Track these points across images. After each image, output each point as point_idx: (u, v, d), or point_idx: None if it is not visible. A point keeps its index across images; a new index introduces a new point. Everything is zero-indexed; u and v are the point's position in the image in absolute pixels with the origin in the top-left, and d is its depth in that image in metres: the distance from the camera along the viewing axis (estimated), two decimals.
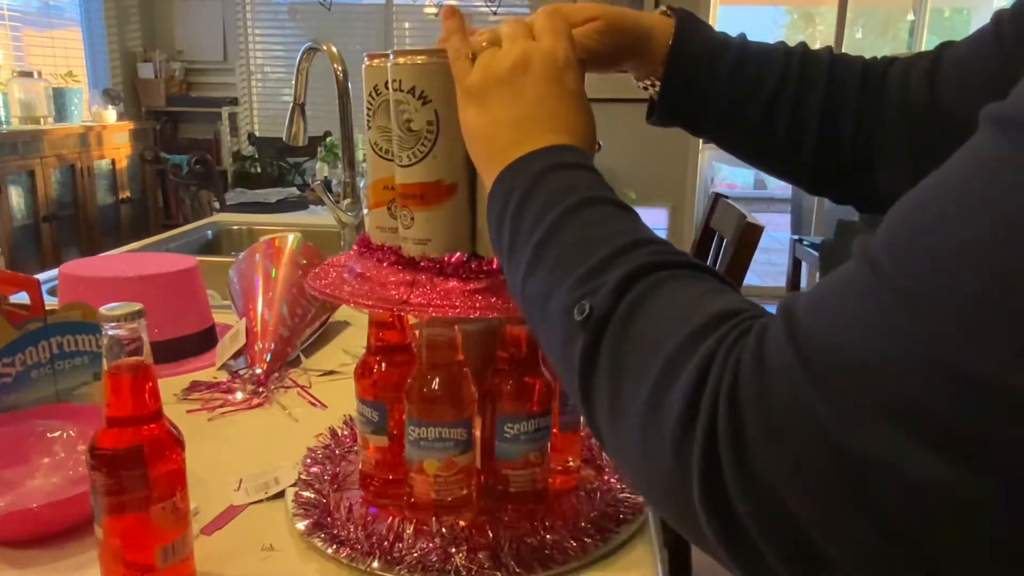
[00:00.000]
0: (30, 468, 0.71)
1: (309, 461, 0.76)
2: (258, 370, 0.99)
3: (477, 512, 0.66)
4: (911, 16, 5.96)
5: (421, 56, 0.58)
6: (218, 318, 1.15)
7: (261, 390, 0.96)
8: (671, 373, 0.34)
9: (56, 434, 0.73)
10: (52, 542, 0.64)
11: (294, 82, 1.45)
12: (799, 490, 0.29)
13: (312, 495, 0.70)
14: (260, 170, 4.06)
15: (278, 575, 0.62)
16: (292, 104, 1.47)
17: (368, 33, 4.71)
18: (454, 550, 0.61)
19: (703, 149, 4.49)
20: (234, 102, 4.80)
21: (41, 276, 1.24)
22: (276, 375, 1.00)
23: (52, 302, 0.89)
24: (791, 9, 9.01)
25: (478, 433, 0.66)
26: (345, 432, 0.82)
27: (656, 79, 0.66)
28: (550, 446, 0.68)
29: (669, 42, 0.64)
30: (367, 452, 0.70)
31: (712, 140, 0.69)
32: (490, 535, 0.63)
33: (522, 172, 0.49)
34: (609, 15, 0.62)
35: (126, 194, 4.35)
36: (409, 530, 0.63)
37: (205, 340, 1.09)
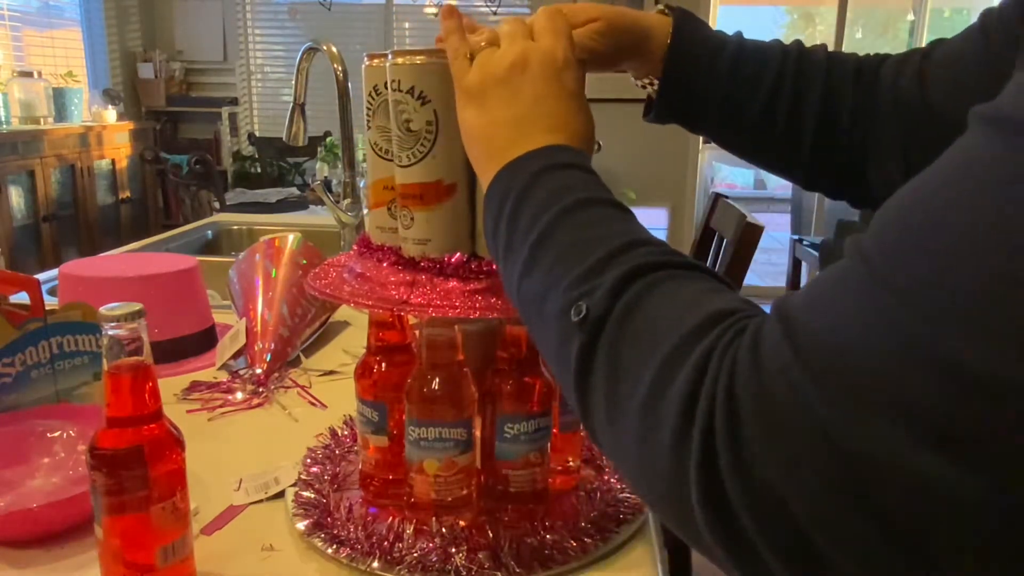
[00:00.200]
0: (30, 468, 0.71)
1: (309, 461, 0.76)
2: (258, 370, 0.99)
3: (477, 512, 0.66)
4: (911, 16, 5.96)
5: (420, 56, 0.58)
6: (218, 318, 1.15)
7: (261, 390, 0.96)
8: (668, 374, 0.34)
9: (56, 434, 0.73)
10: (52, 542, 0.64)
11: (294, 82, 1.45)
12: (798, 489, 0.29)
13: (312, 495, 0.70)
14: (260, 170, 4.07)
15: (278, 575, 0.62)
16: (292, 104, 1.47)
17: (368, 33, 4.71)
18: (454, 550, 0.61)
19: (703, 149, 4.49)
20: (234, 102, 4.80)
21: (41, 276, 1.24)
22: (276, 375, 1.00)
23: (52, 302, 0.89)
24: (791, 9, 9.01)
25: (478, 433, 0.66)
26: (345, 432, 0.82)
27: (655, 78, 0.66)
28: (550, 446, 0.68)
29: (667, 41, 0.64)
30: (367, 452, 0.70)
31: (709, 137, 0.70)
32: (490, 535, 0.63)
33: (519, 172, 0.49)
34: (609, 15, 0.63)
35: (126, 194, 4.35)
36: (409, 530, 0.63)
37: (205, 340, 1.10)
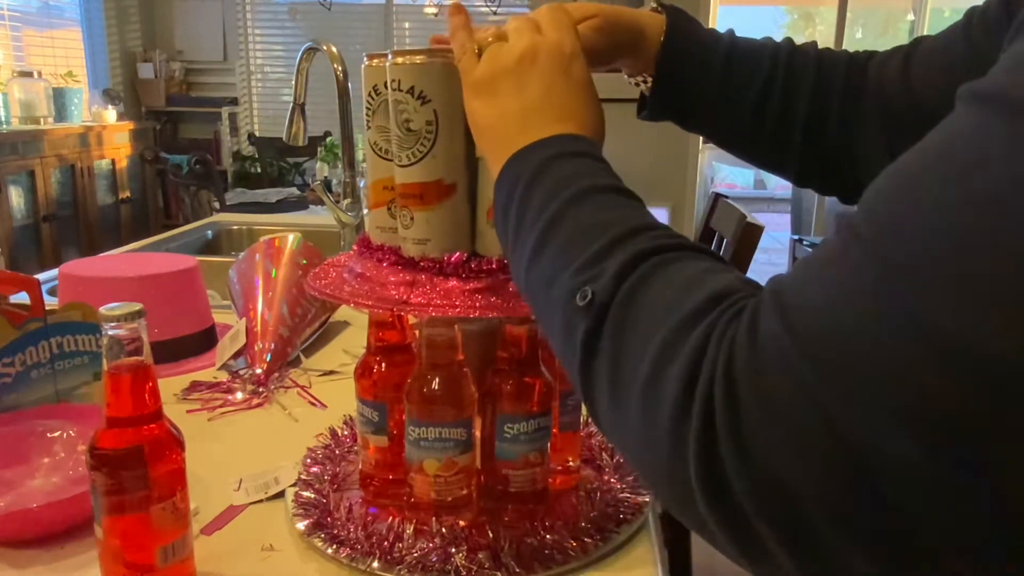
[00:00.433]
0: (30, 468, 0.71)
1: (309, 461, 0.76)
2: (258, 370, 0.99)
3: (477, 512, 0.66)
4: (911, 16, 5.97)
5: (420, 56, 0.58)
6: (218, 318, 1.15)
7: (261, 390, 0.96)
8: (668, 354, 0.34)
9: (56, 434, 0.73)
10: (52, 542, 0.64)
11: (294, 82, 1.45)
12: (795, 467, 0.29)
13: (312, 495, 0.70)
14: (260, 170, 4.07)
15: (278, 575, 0.62)
16: (292, 104, 1.47)
17: (368, 33, 4.71)
18: (454, 550, 0.61)
19: (703, 149, 4.49)
20: (234, 102, 4.80)
21: (41, 276, 1.24)
22: (276, 375, 1.00)
23: (52, 302, 0.89)
24: (791, 9, 9.01)
25: (478, 433, 0.66)
26: (345, 432, 0.82)
27: (648, 75, 0.67)
28: (550, 446, 0.68)
29: (661, 38, 0.65)
30: (367, 452, 0.70)
31: (702, 134, 0.70)
32: (490, 535, 0.63)
33: (529, 160, 0.49)
34: (607, 12, 0.63)
35: (126, 194, 4.35)
36: (409, 530, 0.63)
37: (205, 340, 1.09)
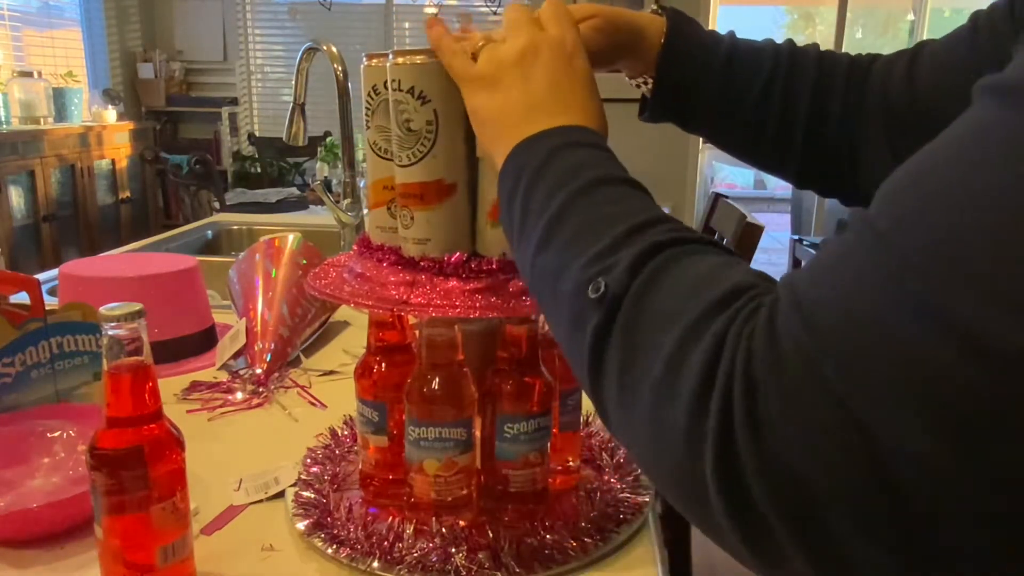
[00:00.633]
0: (30, 468, 0.71)
1: (309, 461, 0.76)
2: (258, 370, 0.99)
3: (477, 512, 0.66)
4: (911, 16, 5.96)
5: (420, 56, 0.58)
6: (218, 318, 1.15)
7: (261, 390, 0.96)
8: (684, 350, 0.34)
9: (56, 434, 0.73)
10: (52, 542, 0.64)
11: (294, 82, 1.45)
12: (815, 463, 0.28)
13: (312, 495, 0.70)
14: (260, 170, 4.07)
15: (278, 575, 0.62)
16: (292, 104, 1.47)
17: (368, 33, 4.71)
18: (454, 550, 0.61)
19: (703, 149, 4.49)
20: (234, 102, 4.80)
21: (41, 276, 1.24)
22: (276, 375, 1.00)
23: (52, 302, 0.89)
24: (791, 9, 9.01)
25: (478, 433, 0.66)
26: (345, 432, 0.82)
27: (649, 76, 0.67)
28: (550, 446, 0.68)
29: (662, 40, 0.65)
30: (367, 452, 0.70)
31: (703, 135, 0.71)
32: (490, 535, 0.63)
33: (534, 149, 0.49)
34: (606, 13, 0.64)
35: (126, 194, 4.35)
36: (409, 530, 0.63)
37: (205, 340, 1.09)
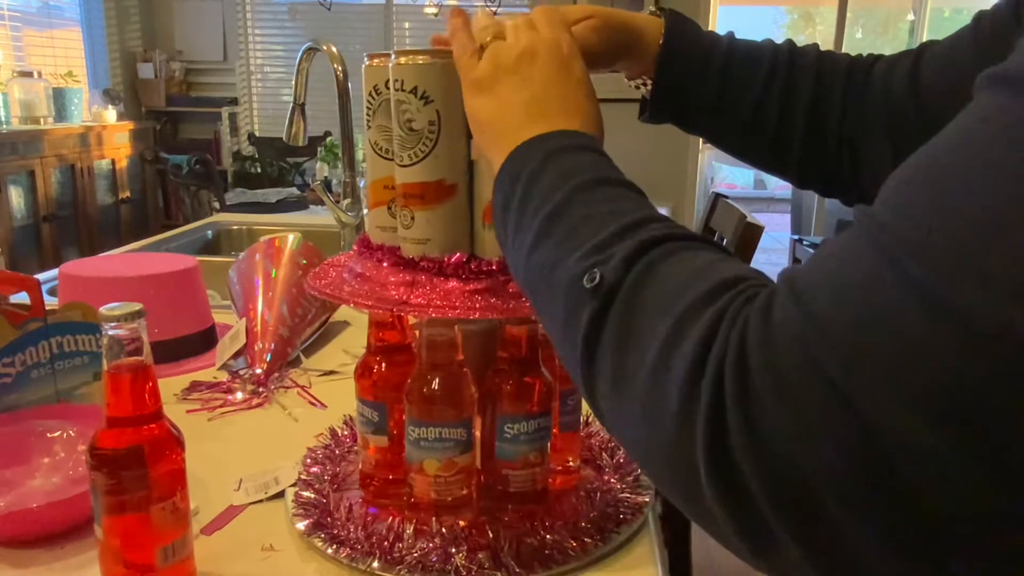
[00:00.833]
0: (30, 468, 0.71)
1: (309, 461, 0.76)
2: (258, 370, 0.99)
3: (477, 512, 0.66)
4: (911, 16, 5.97)
5: (423, 56, 0.58)
6: (218, 318, 1.15)
7: (261, 390, 0.96)
8: (678, 336, 0.34)
9: (56, 434, 0.73)
10: (52, 542, 0.64)
11: (294, 82, 1.45)
12: (806, 447, 0.29)
13: (312, 495, 0.70)
14: (260, 170, 4.06)
15: (278, 575, 0.62)
16: (292, 104, 1.47)
17: (368, 33, 4.71)
18: (454, 550, 0.61)
19: (703, 149, 4.49)
20: (234, 102, 4.80)
21: (41, 276, 1.24)
22: (276, 375, 1.00)
23: (52, 302, 0.89)
24: (791, 9, 9.01)
25: (478, 433, 0.66)
26: (345, 432, 0.82)
27: (647, 78, 0.67)
28: (550, 446, 0.68)
29: (660, 41, 0.65)
30: (367, 452, 0.70)
31: (702, 135, 0.71)
32: (490, 535, 0.63)
33: (531, 153, 0.49)
34: (602, 14, 0.64)
35: (126, 194, 4.35)
36: (409, 530, 0.63)
37: (205, 340, 1.09)
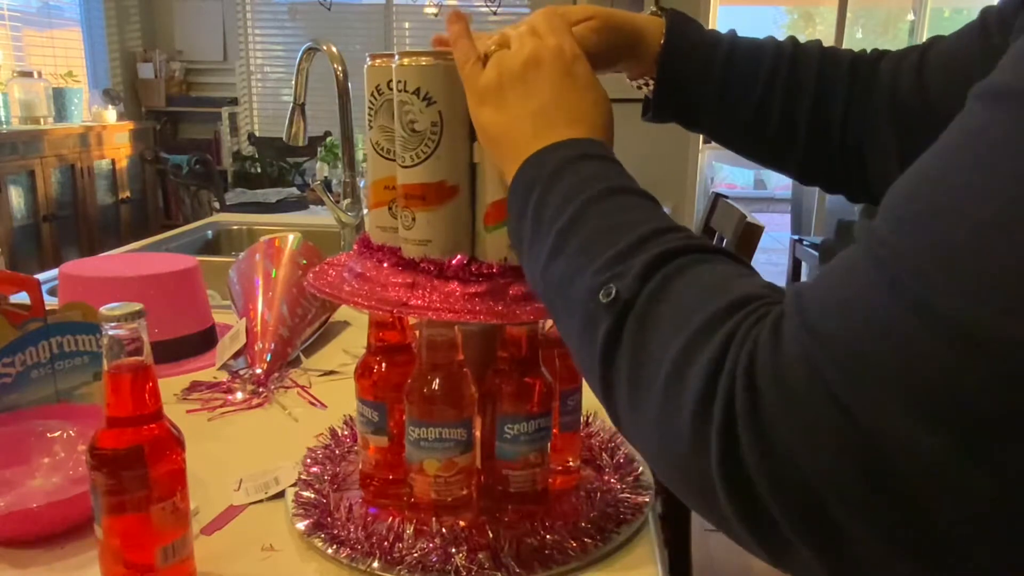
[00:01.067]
0: (30, 468, 0.71)
1: (309, 461, 0.76)
2: (258, 370, 0.99)
3: (477, 512, 0.66)
4: (911, 16, 5.97)
5: (426, 57, 0.58)
6: (218, 318, 1.15)
7: (261, 390, 0.96)
8: (691, 352, 0.35)
9: (56, 434, 0.72)
10: (52, 542, 0.64)
11: (294, 82, 1.45)
12: (815, 460, 0.29)
13: (312, 495, 0.69)
14: (260, 170, 4.06)
15: (278, 575, 0.62)
16: (292, 104, 1.47)
17: (368, 33, 4.71)
18: (454, 550, 0.61)
19: (703, 149, 4.49)
20: (234, 102, 4.80)
21: (41, 276, 1.24)
22: (276, 375, 1.00)
23: (52, 302, 0.89)
24: (791, 9, 9.01)
25: (478, 433, 0.66)
26: (345, 432, 0.82)
27: (650, 78, 0.67)
28: (550, 446, 0.68)
29: (661, 41, 0.65)
30: (367, 452, 0.70)
31: (705, 134, 0.71)
32: (490, 535, 0.63)
33: (544, 163, 0.49)
34: (603, 14, 0.63)
35: (126, 194, 4.35)
36: (409, 530, 0.63)
37: (205, 340, 1.09)
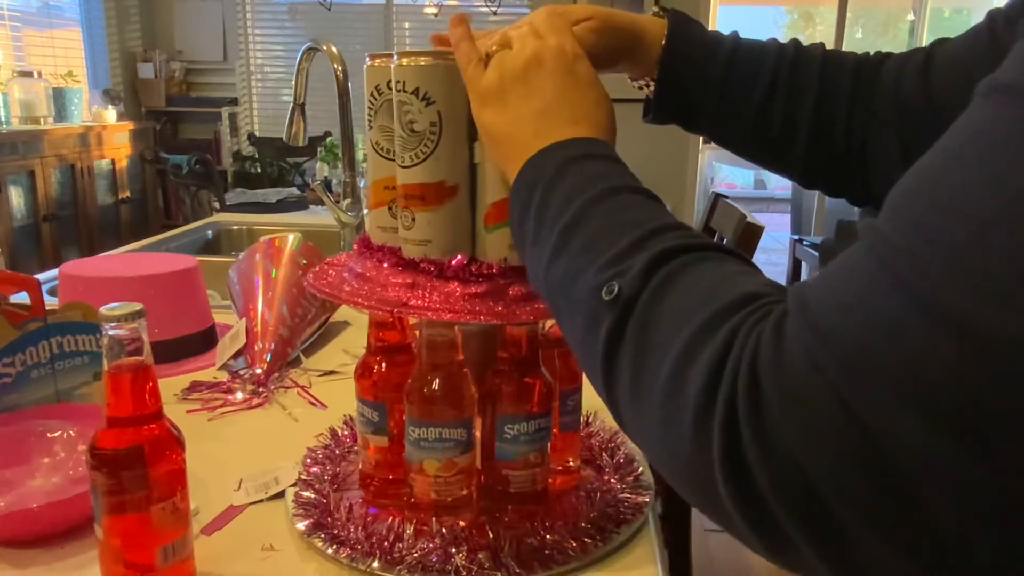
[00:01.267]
0: (30, 468, 0.71)
1: (309, 461, 0.76)
2: (258, 370, 0.99)
3: (477, 512, 0.66)
4: (911, 16, 5.97)
5: (425, 57, 0.58)
6: (218, 318, 1.15)
7: (261, 390, 0.96)
8: (694, 349, 0.35)
9: (56, 434, 0.72)
10: (52, 542, 0.64)
11: (294, 82, 1.45)
12: (817, 458, 0.30)
13: (312, 495, 0.70)
14: (260, 170, 4.06)
15: (278, 575, 0.62)
16: (292, 104, 1.47)
17: (368, 33, 4.71)
18: (454, 550, 0.61)
19: (703, 149, 4.49)
20: (234, 102, 4.80)
21: (41, 276, 1.24)
22: (276, 375, 1.00)
23: (52, 302, 0.89)
24: (791, 9, 9.01)
25: (478, 433, 0.66)
26: (345, 432, 0.82)
27: (651, 79, 0.67)
28: (550, 446, 0.68)
29: (662, 42, 0.65)
30: (367, 452, 0.70)
31: (706, 135, 0.70)
32: (490, 535, 0.63)
33: (546, 163, 0.49)
34: (603, 15, 0.63)
35: (126, 194, 4.35)
36: (409, 530, 0.63)
37: (205, 340, 1.09)
